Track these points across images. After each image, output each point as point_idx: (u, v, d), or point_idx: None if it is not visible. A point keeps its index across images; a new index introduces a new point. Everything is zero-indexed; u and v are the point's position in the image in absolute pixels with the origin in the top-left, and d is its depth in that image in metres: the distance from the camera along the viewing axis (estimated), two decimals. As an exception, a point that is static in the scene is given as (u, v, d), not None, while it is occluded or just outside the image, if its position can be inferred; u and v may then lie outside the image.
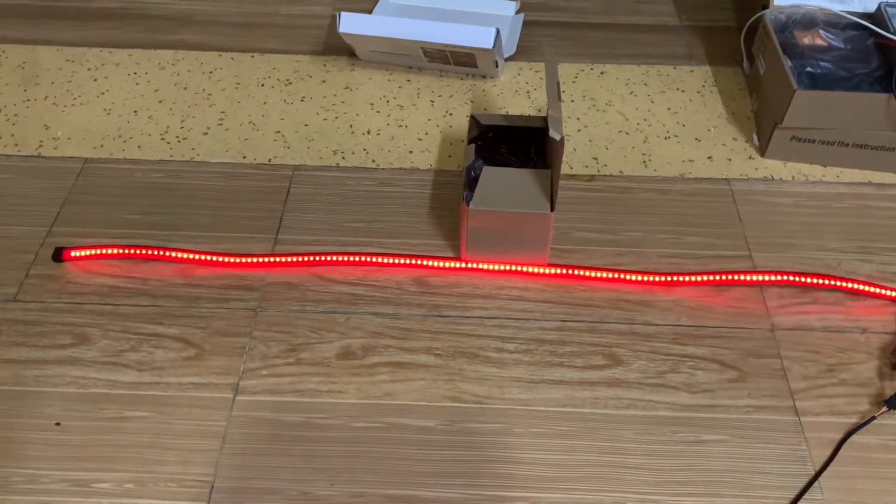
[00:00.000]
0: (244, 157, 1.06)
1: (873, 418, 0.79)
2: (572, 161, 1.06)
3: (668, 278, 0.90)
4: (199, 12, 1.32)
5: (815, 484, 0.74)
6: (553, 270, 0.91)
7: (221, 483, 0.74)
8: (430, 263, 0.92)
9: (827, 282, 0.90)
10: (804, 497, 0.73)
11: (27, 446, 0.76)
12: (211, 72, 1.20)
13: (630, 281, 0.91)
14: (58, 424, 0.78)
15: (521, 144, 0.96)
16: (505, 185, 0.88)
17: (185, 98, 1.15)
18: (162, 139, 1.08)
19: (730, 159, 1.07)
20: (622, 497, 0.73)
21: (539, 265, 0.91)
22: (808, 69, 1.01)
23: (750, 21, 1.14)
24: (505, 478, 0.75)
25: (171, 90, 1.16)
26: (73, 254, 0.91)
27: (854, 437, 0.77)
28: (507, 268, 0.91)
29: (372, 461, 0.76)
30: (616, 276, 0.91)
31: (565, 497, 0.73)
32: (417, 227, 0.97)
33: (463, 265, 0.92)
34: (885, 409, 0.79)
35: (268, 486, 0.74)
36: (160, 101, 1.15)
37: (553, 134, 0.79)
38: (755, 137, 1.10)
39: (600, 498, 0.73)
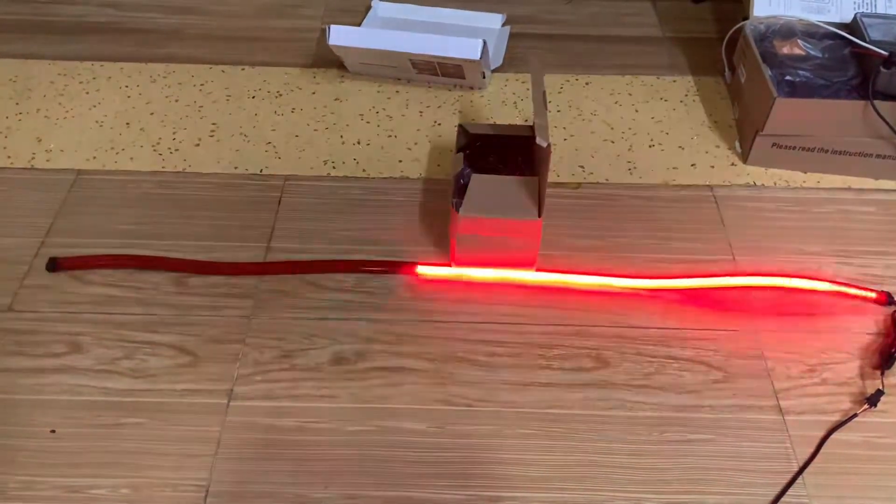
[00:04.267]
0: (236, 168, 1.07)
1: (855, 416, 0.81)
2: (559, 169, 1.08)
3: (654, 282, 0.92)
4: (190, 26, 1.33)
5: (799, 480, 0.76)
6: (542, 275, 0.93)
7: (216, 487, 0.75)
8: (422, 270, 0.93)
9: (809, 283, 0.92)
10: (788, 493, 0.75)
11: (22, 453, 0.77)
12: (202, 84, 1.21)
13: (617, 285, 0.92)
14: (53, 432, 0.78)
15: (508, 153, 0.98)
16: (493, 192, 0.90)
17: (177, 110, 1.16)
18: (154, 150, 1.10)
19: (713, 166, 1.09)
20: (611, 495, 0.75)
21: (528, 271, 0.93)
22: (788, 77, 1.03)
23: (731, 32, 1.17)
24: (496, 478, 0.76)
25: (162, 102, 1.18)
26: (66, 264, 0.92)
27: (836, 435, 0.79)
28: (497, 273, 0.93)
29: (365, 464, 0.77)
30: (604, 279, 0.92)
31: (555, 496, 0.75)
32: (408, 234, 0.98)
33: (453, 272, 0.93)
34: (866, 406, 0.81)
35: (262, 490, 0.75)
36: (152, 114, 1.16)
37: (540, 141, 0.81)
38: (737, 145, 1.12)
39: (589, 497, 0.75)
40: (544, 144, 0.81)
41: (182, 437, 0.78)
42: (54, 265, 0.92)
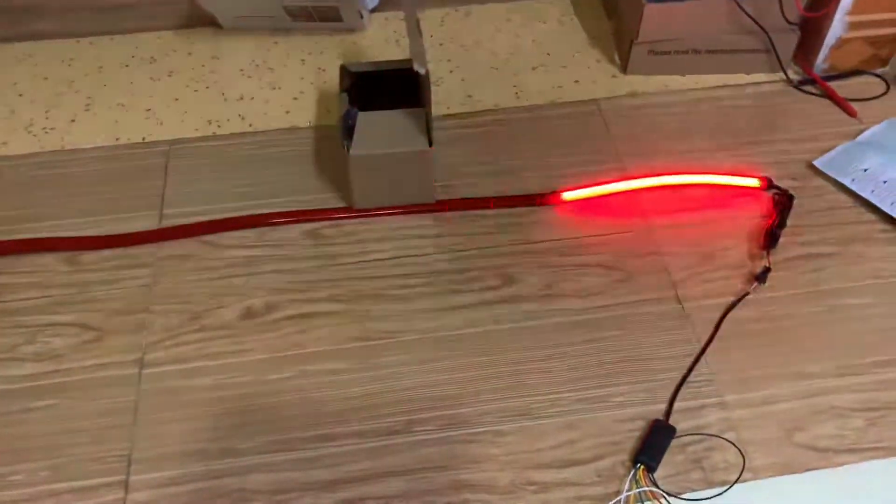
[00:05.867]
0: (117, 139, 1.04)
1: (746, 294, 0.85)
2: (448, 101, 1.09)
3: (549, 197, 0.94)
4: (50, 0, 1.26)
5: (702, 360, 0.80)
6: (444, 210, 0.94)
7: (139, 454, 0.74)
8: (323, 217, 0.93)
9: (695, 178, 0.96)
10: (693, 373, 0.79)
11: (-71, 454, 0.74)
12: (71, 59, 1.16)
13: (514, 204, 0.94)
14: (-41, 427, 0.76)
15: (394, 89, 0.98)
16: (382, 128, 0.90)
17: (47, 88, 1.11)
18: (28, 132, 1.05)
19: (595, 81, 1.12)
20: (529, 399, 0.78)
21: (428, 202, 0.94)
22: (655, -16, 1.06)
23: (597, -54, 1.19)
24: (417, 401, 0.78)
25: (29, 82, 1.12)
26: (-52, 258, 0.88)
27: (732, 314, 0.84)
28: (398, 209, 0.93)
29: (289, 409, 0.77)
30: (502, 202, 0.94)
31: (476, 409, 0.77)
32: (305, 183, 0.98)
33: (355, 214, 0.93)
34: (756, 284, 0.86)
35: (188, 449, 0.74)
36: (20, 95, 1.10)
37: (417, 68, 0.82)
38: (616, 57, 1.15)
39: (509, 404, 0.77)
40: (422, 71, 0.81)
41: (97, 411, 0.77)
42: (-65, 261, 0.88)
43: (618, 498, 0.70)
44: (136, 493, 0.71)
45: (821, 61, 1.10)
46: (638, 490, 0.71)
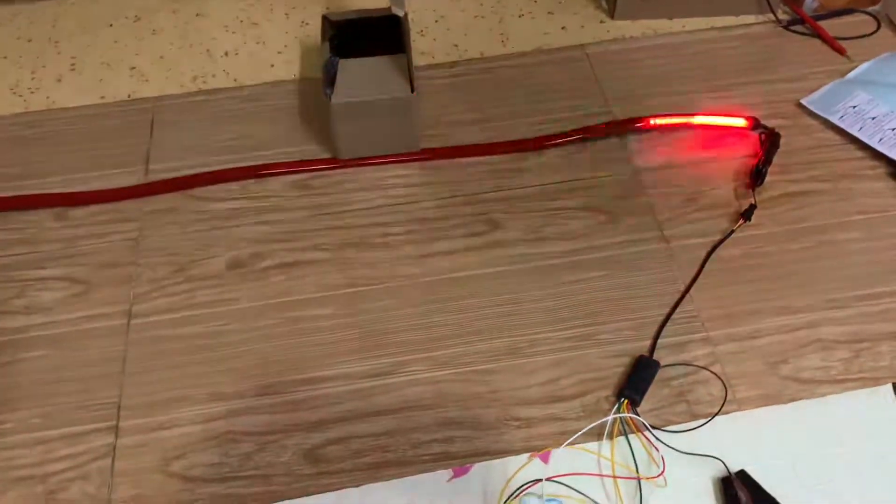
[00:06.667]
0: (102, 98, 1.03)
1: (732, 232, 0.85)
2: (434, 51, 1.08)
3: (533, 142, 0.94)
4: (31, -37, 1.25)
5: (687, 297, 0.80)
6: (428, 159, 0.93)
7: (128, 401, 0.75)
8: (307, 167, 0.93)
9: (682, 119, 0.95)
10: (678, 310, 0.79)
11: (-77, 406, 0.75)
12: (54, 21, 1.15)
13: (500, 151, 0.94)
14: (-49, 379, 0.77)
15: (377, 38, 0.97)
16: (363, 75, 0.89)
17: (32, 50, 1.11)
18: (13, 93, 1.05)
19: (583, 26, 1.11)
20: (515, 340, 0.78)
21: (413, 151, 0.93)
22: (640, -74, 1.05)
23: None
24: (403, 344, 0.78)
25: (13, 44, 1.12)
26: (-64, 216, 0.89)
27: (717, 252, 0.84)
28: (383, 159, 0.93)
29: (276, 353, 0.78)
30: (488, 149, 0.94)
31: (463, 350, 0.77)
32: (291, 135, 0.97)
33: (340, 164, 0.93)
34: (741, 221, 0.86)
35: (176, 395, 0.75)
36: (4, 57, 1.10)
37: (396, 11, 0.81)
38: (603, 2, 1.13)
39: (494, 345, 0.78)
40: (401, 13, 0.81)
41: (86, 361, 0.78)
42: (-77, 220, 0.89)
43: (594, 424, 0.71)
44: (126, 438, 0.72)
45: (811, 1, 1.09)
46: (618, 416, 0.71)
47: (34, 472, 0.70)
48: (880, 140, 0.91)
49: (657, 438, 0.70)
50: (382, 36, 0.96)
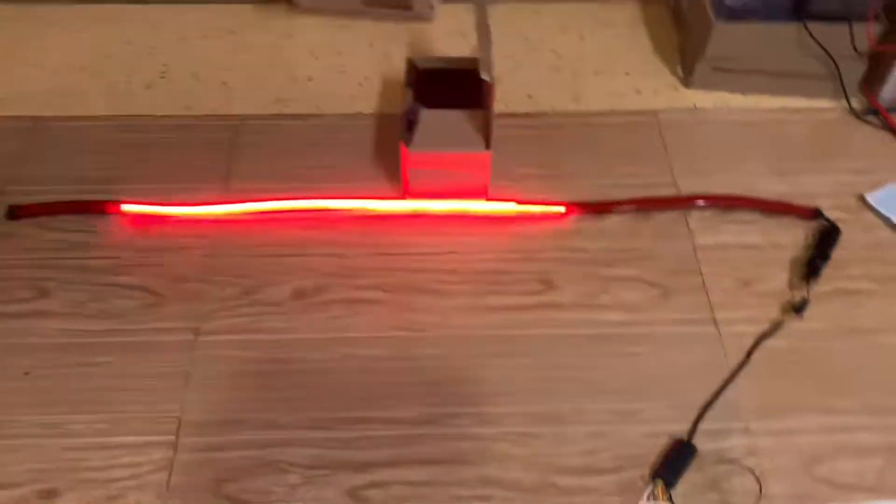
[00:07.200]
0: (189, 109, 1.08)
1: (782, 324, 0.87)
2: (507, 99, 1.11)
3: (593, 206, 0.96)
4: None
5: (731, 385, 0.82)
6: (491, 205, 0.96)
7: (189, 417, 0.79)
8: (375, 205, 0.96)
9: (744, 202, 0.97)
10: (720, 396, 0.81)
11: (-1, 395, 0.81)
12: (152, 25, 1.21)
13: (564, 211, 0.97)
14: (27, 374, 0.82)
15: (457, 86, 1.00)
16: (442, 126, 0.92)
17: (129, 53, 1.16)
18: (108, 95, 1.10)
19: (656, 91, 1.13)
20: (559, 406, 0.81)
21: (479, 201, 0.96)
22: (727, 2, 1.06)
23: (673, -44, 1.18)
24: (452, 395, 0.81)
25: (114, 46, 1.17)
26: (27, 211, 0.94)
27: (766, 342, 0.86)
28: (449, 205, 0.96)
29: (328, 390, 0.82)
30: (549, 206, 0.97)
31: (508, 409, 0.80)
32: (362, 170, 1.01)
33: (406, 205, 0.97)
34: (793, 315, 0.87)
35: (233, 418, 0.79)
36: (105, 57, 1.15)
37: (484, 76, 0.84)
38: (680, 70, 1.15)
39: (539, 408, 0.80)
40: (488, 79, 0.84)
41: (152, 372, 0.82)
42: (14, 213, 0.94)
43: (627, 502, 0.73)
44: (184, 454, 0.76)
45: (887, 93, 1.09)
46: (652, 497, 0.73)
47: (97, 475, 0.75)
48: (941, 247, 0.92)
49: (687, 524, 0.72)
50: (464, 83, 0.99)
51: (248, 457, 0.77)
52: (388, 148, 1.04)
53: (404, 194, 0.97)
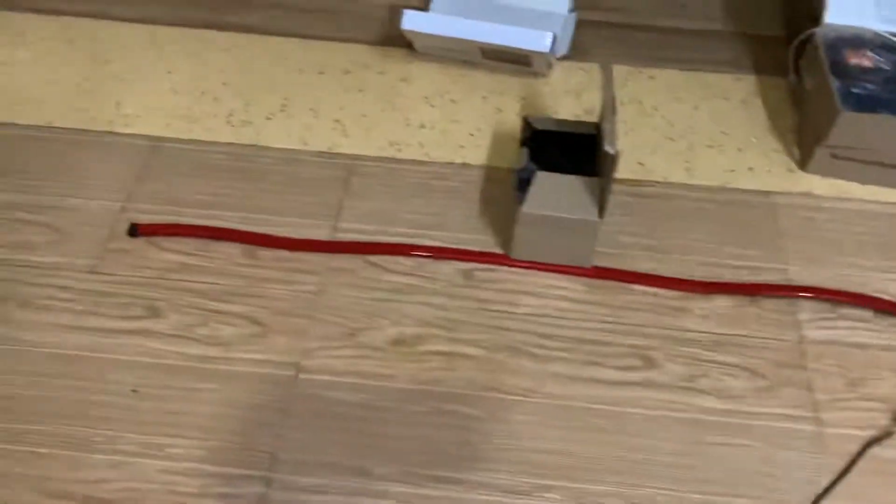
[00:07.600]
0: (305, 144, 1.11)
1: (892, 433, 0.84)
2: (619, 164, 1.10)
3: (702, 286, 0.95)
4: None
5: (832, 491, 0.79)
6: (598, 278, 0.96)
7: (283, 455, 0.80)
8: (480, 260, 0.97)
9: (857, 299, 0.94)
10: (821, 501, 0.79)
11: (105, 409, 0.83)
12: (273, 57, 1.25)
13: (669, 287, 0.95)
14: (134, 391, 0.84)
15: (572, 148, 1.00)
16: (556, 190, 0.93)
17: (249, 82, 1.20)
18: (227, 122, 1.14)
19: (770, 171, 1.11)
20: (652, 492, 0.79)
21: (584, 267, 0.96)
22: (854, 90, 1.04)
23: (801, 36, 1.16)
24: (541, 466, 0.81)
25: (235, 73, 1.21)
26: (146, 230, 0.98)
27: (872, 450, 0.83)
28: (553, 268, 0.96)
29: (420, 443, 0.82)
30: (657, 282, 0.95)
31: (597, 488, 0.79)
32: (468, 222, 1.02)
33: (511, 263, 0.97)
34: (903, 425, 0.84)
35: (326, 461, 0.80)
36: (224, 84, 1.20)
37: (608, 148, 0.84)
38: (796, 151, 1.13)
39: (629, 492, 0.79)
40: (612, 151, 0.84)
41: (252, 404, 0.84)
42: (135, 231, 0.98)
43: None
44: (275, 492, 0.78)
45: None
46: None
47: (191, 502, 0.77)
48: None
49: None
50: (579, 148, 0.99)
51: (338, 503, 0.77)
52: (494, 202, 1.04)
53: (511, 251, 0.97)
